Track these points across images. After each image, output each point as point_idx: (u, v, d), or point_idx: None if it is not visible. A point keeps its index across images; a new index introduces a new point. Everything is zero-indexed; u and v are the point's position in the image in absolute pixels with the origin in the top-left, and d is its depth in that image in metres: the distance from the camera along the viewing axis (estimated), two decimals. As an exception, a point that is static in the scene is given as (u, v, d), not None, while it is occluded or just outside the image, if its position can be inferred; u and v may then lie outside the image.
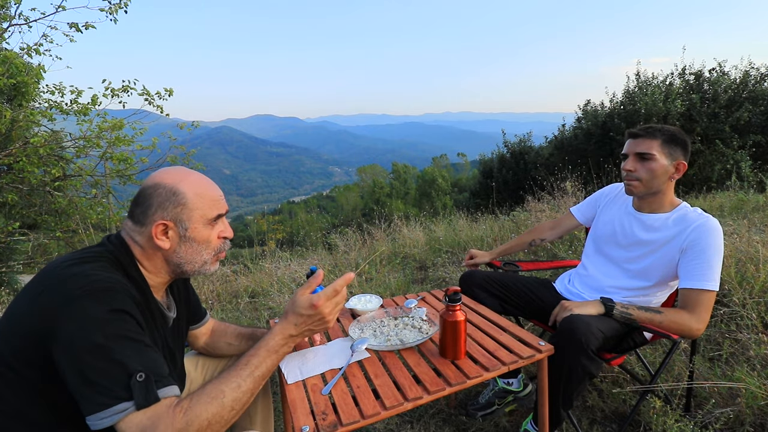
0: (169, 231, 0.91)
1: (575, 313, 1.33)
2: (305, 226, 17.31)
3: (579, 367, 1.24)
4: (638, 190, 1.45)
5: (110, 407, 0.72)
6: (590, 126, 9.50)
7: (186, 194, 0.91)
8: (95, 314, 0.75)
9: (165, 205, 0.90)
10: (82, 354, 0.73)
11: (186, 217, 0.91)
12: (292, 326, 0.94)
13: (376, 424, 1.67)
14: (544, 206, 4.47)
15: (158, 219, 0.90)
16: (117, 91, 5.13)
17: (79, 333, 0.74)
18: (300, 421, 0.94)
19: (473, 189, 14.66)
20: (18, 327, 0.79)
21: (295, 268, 3.65)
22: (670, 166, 1.40)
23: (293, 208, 45.43)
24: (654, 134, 1.41)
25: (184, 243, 0.93)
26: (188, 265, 0.95)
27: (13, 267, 5.95)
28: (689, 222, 1.38)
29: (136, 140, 5.37)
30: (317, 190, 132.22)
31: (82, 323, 0.74)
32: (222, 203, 0.98)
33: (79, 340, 0.73)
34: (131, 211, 0.93)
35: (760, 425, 1.45)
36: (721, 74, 8.35)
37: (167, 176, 0.93)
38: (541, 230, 1.92)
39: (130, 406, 0.73)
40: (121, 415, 0.72)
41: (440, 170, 38.08)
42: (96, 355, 0.73)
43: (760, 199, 4.15)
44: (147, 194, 0.91)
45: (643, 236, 1.48)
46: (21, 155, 4.53)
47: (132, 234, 0.93)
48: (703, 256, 1.33)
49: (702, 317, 1.30)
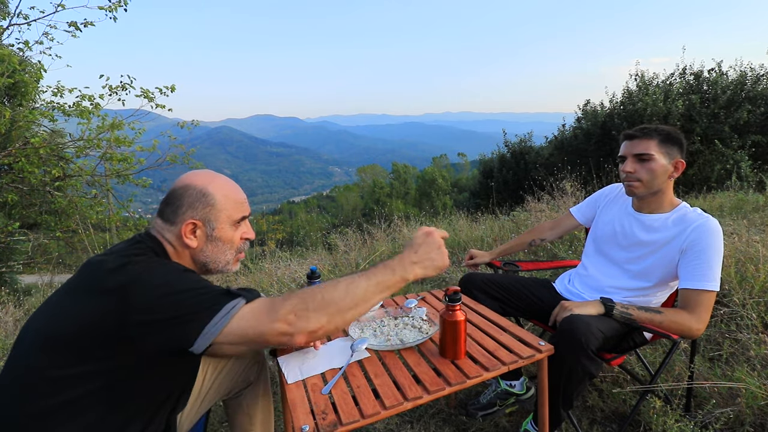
0: (197, 230, 0.96)
1: (575, 313, 1.33)
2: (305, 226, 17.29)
3: (579, 367, 1.24)
4: (640, 191, 1.45)
5: (222, 306, 0.78)
6: (590, 126, 9.50)
7: (215, 196, 0.96)
8: (173, 269, 0.84)
9: (195, 206, 0.95)
10: (172, 295, 0.79)
11: (214, 217, 0.96)
12: (412, 253, 0.92)
13: (376, 424, 1.67)
14: (543, 206, 4.47)
15: (188, 218, 0.94)
16: (115, 89, 5.12)
17: (165, 284, 0.80)
18: (300, 421, 0.94)
19: (473, 189, 14.65)
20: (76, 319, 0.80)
21: (295, 268, 3.66)
22: (668, 165, 1.41)
23: (293, 208, 45.42)
24: (650, 134, 1.41)
25: (211, 242, 0.97)
26: (212, 264, 1.00)
27: (13, 267, 5.95)
28: (689, 222, 1.38)
29: (136, 141, 5.37)
30: (317, 190, 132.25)
31: (165, 278, 0.81)
32: (246, 206, 1.04)
33: (166, 287, 0.79)
34: (161, 210, 0.97)
35: (760, 425, 1.45)
36: (719, 74, 8.35)
37: (197, 178, 0.97)
38: (540, 230, 1.92)
39: (239, 301, 0.80)
40: (234, 310, 0.78)
41: (440, 170, 38.08)
42: (189, 288, 0.80)
43: (759, 199, 4.15)
44: (178, 194, 0.95)
45: (643, 237, 1.48)
46: (21, 155, 4.53)
47: (163, 232, 0.96)
48: (703, 256, 1.33)
49: (702, 317, 1.30)
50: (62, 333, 0.80)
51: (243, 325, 0.80)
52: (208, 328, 0.78)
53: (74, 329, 0.79)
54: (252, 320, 0.80)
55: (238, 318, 0.79)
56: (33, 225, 6.20)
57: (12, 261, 6.14)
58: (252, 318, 0.80)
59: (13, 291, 5.20)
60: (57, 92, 5.09)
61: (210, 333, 0.78)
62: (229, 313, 0.79)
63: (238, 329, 0.80)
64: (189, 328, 0.78)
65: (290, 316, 0.80)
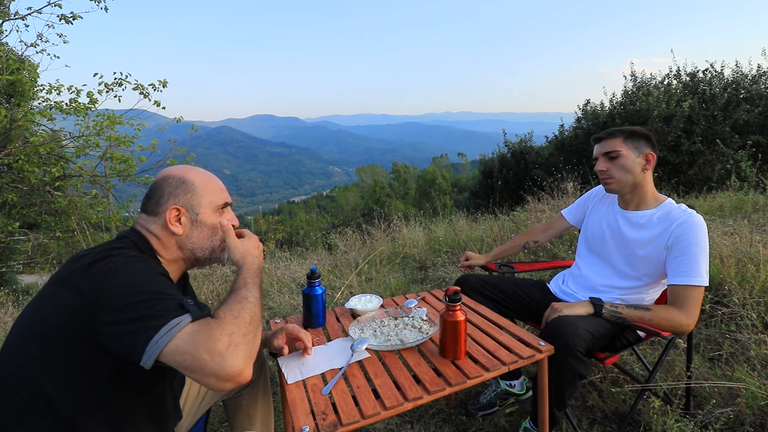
0: (181, 217, 0.97)
1: (563, 315, 1.34)
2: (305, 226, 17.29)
3: (568, 369, 1.26)
4: (615, 187, 1.51)
5: (169, 321, 0.74)
6: (590, 126, 9.50)
7: (194, 181, 0.99)
8: (142, 269, 0.82)
9: (176, 193, 0.97)
10: (133, 295, 0.77)
11: (196, 202, 0.98)
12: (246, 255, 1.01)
13: (376, 424, 1.67)
14: (543, 206, 4.47)
15: (171, 205, 0.96)
16: (111, 86, 5.11)
17: (129, 283, 0.78)
18: (300, 421, 0.94)
19: (473, 189, 14.64)
20: (54, 311, 0.80)
21: (295, 268, 3.66)
22: (638, 159, 1.46)
23: (293, 208, 45.39)
24: (615, 134, 1.50)
25: (196, 228, 0.99)
26: (200, 252, 1.00)
27: (13, 267, 5.95)
28: (673, 219, 1.40)
29: (136, 140, 5.36)
30: (317, 190, 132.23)
31: (131, 277, 0.79)
32: (226, 193, 1.06)
33: (129, 286, 0.78)
34: (144, 204, 0.99)
35: (760, 425, 1.45)
36: (715, 74, 8.35)
37: (175, 169, 1.01)
38: (533, 233, 1.95)
39: (186, 318, 0.76)
40: (177, 328, 0.74)
41: (440, 170, 38.08)
42: (148, 292, 0.78)
43: (760, 199, 4.14)
44: (158, 186, 0.98)
45: (631, 234, 1.50)
46: (20, 155, 4.52)
47: (147, 225, 0.97)
48: (688, 252, 1.35)
49: (691, 312, 1.31)
50: (39, 329, 0.81)
51: (180, 349, 0.73)
52: (151, 345, 0.73)
53: (52, 324, 0.79)
54: (188, 346, 0.73)
55: (178, 336, 0.73)
56: (33, 225, 6.19)
57: (12, 261, 6.14)
58: (190, 343, 0.73)
59: (13, 291, 5.20)
60: (51, 90, 5.06)
61: (152, 350, 0.73)
62: (170, 332, 0.73)
63: (175, 353, 0.73)
64: (136, 340, 0.74)
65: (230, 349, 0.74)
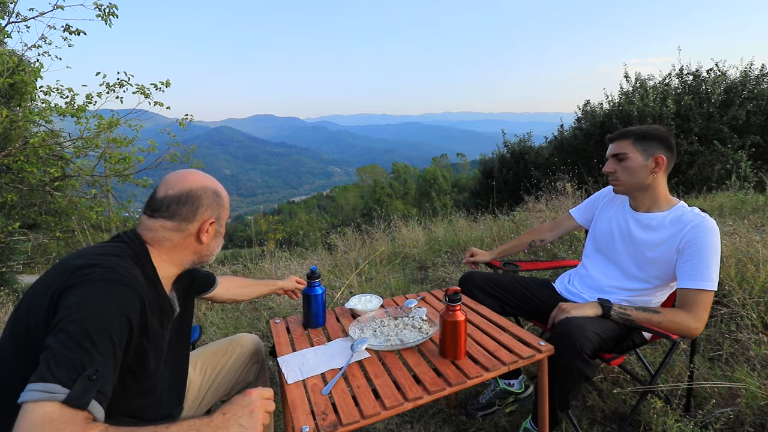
0: (210, 228, 1.04)
1: (571, 315, 1.33)
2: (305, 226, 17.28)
3: (574, 370, 1.25)
4: (622, 189, 1.52)
5: (48, 383, 0.68)
6: (590, 126, 9.50)
7: (224, 197, 1.08)
8: (102, 302, 0.79)
9: (213, 205, 1.03)
10: (70, 323, 0.75)
11: (223, 216, 1.08)
12: (220, 414, 0.79)
13: (376, 424, 1.67)
14: (542, 206, 4.47)
15: (207, 217, 1.02)
16: (113, 87, 5.11)
17: (80, 307, 0.77)
18: (300, 421, 0.94)
19: (473, 189, 14.64)
20: (38, 306, 0.81)
21: (295, 268, 3.65)
22: (646, 161, 1.44)
23: (293, 208, 45.41)
24: (626, 135, 1.48)
25: (216, 239, 1.08)
26: (209, 257, 1.09)
27: (13, 267, 5.95)
28: (686, 222, 1.39)
29: (135, 141, 5.35)
30: (317, 190, 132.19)
31: (87, 302, 0.78)
32: None
33: (76, 312, 0.76)
34: (172, 208, 0.98)
35: (760, 425, 1.45)
36: (718, 74, 8.34)
37: (207, 180, 1.06)
38: (540, 231, 1.93)
39: (63, 394, 0.68)
40: (46, 396, 0.68)
41: (440, 170, 38.09)
42: (79, 331, 0.74)
43: (759, 199, 4.14)
44: (196, 195, 1.01)
45: (641, 236, 1.48)
46: (20, 155, 4.52)
47: (162, 229, 0.98)
48: (699, 255, 1.33)
49: (700, 317, 1.30)
50: (20, 328, 0.82)
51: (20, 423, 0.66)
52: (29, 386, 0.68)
53: (26, 326, 0.80)
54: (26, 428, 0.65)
55: (41, 405, 0.67)
56: (33, 225, 6.19)
57: (12, 261, 6.14)
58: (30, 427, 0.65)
59: (13, 291, 5.19)
60: (50, 91, 5.07)
61: (26, 394, 0.68)
62: (41, 394, 0.67)
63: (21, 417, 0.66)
64: (40, 365, 0.70)
65: None
